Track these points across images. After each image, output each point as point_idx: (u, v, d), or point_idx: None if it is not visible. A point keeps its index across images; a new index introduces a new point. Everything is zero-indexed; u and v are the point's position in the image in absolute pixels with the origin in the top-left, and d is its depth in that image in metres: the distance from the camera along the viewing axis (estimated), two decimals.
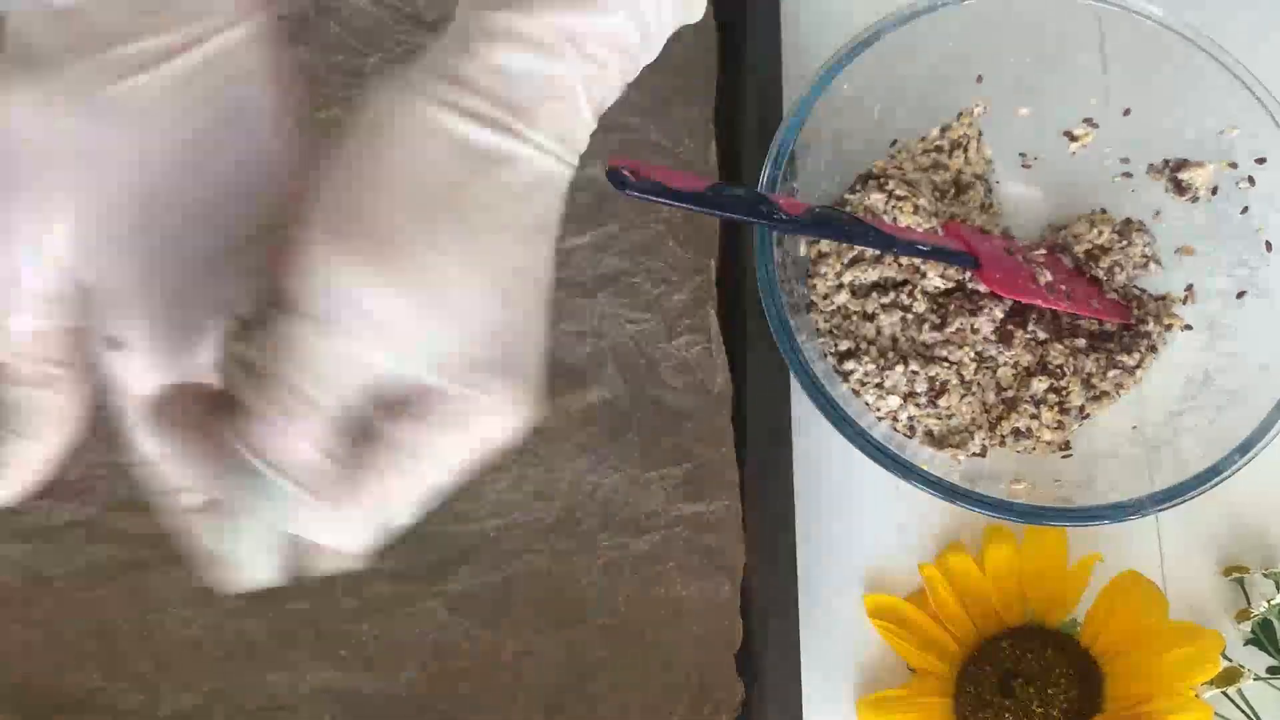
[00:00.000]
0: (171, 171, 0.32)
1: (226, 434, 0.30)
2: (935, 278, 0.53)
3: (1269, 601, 0.51)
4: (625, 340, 0.53)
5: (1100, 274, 0.55)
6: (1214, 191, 0.55)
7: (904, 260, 0.53)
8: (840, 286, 0.53)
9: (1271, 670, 0.51)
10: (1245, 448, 0.48)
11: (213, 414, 0.30)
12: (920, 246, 0.51)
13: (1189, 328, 0.54)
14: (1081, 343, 0.54)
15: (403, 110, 0.31)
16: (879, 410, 0.52)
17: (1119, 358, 0.53)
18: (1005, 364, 0.54)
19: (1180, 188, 0.55)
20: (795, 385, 0.51)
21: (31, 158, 0.31)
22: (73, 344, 0.33)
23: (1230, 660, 0.50)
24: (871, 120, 0.55)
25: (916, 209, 0.53)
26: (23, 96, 0.30)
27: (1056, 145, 0.57)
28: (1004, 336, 0.53)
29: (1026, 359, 0.54)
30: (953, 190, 0.56)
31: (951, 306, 0.53)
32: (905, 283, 0.53)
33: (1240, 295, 0.53)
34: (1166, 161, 0.55)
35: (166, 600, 0.49)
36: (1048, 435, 0.53)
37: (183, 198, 0.32)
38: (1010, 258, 0.53)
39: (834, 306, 0.53)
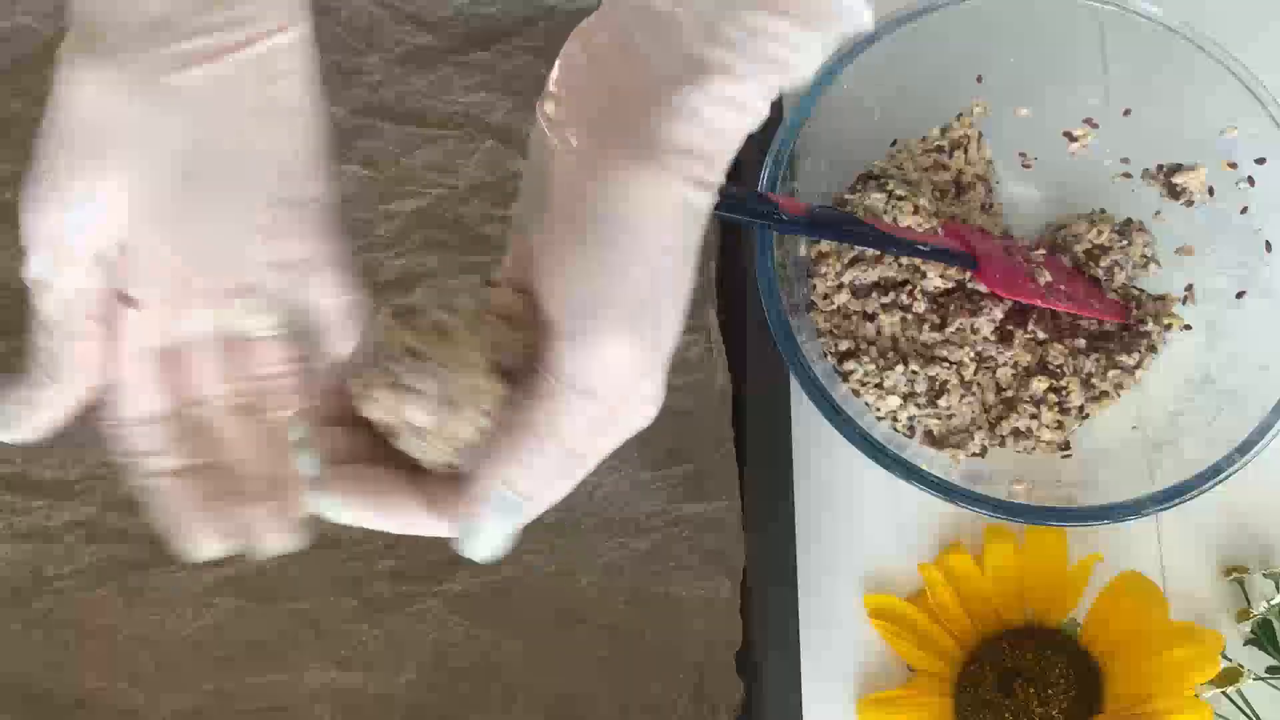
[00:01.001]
0: (214, 156, 0.35)
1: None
2: (935, 278, 0.53)
3: (1269, 601, 0.51)
4: None
5: (1100, 274, 0.55)
6: (1210, 193, 0.54)
7: (904, 260, 0.53)
8: (840, 286, 0.53)
9: (1271, 670, 0.51)
10: (1245, 448, 0.48)
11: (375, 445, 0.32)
12: (920, 246, 0.51)
13: (1189, 328, 0.54)
14: (1081, 343, 0.54)
15: (656, 195, 0.32)
16: (879, 410, 0.52)
17: (1119, 358, 0.53)
18: (1005, 364, 0.53)
19: (1174, 192, 0.55)
20: (795, 385, 0.51)
21: (90, 134, 0.33)
22: (107, 302, 0.35)
23: (1230, 660, 0.50)
24: (871, 120, 0.55)
25: (916, 209, 0.53)
26: (88, 78, 0.33)
27: (1056, 145, 0.57)
28: (1004, 336, 0.53)
29: (1026, 359, 0.54)
30: (953, 190, 0.56)
31: (951, 306, 0.53)
32: (905, 283, 0.53)
33: (1240, 295, 0.53)
34: (1160, 166, 0.55)
35: (166, 600, 0.49)
36: (1048, 435, 0.53)
37: (220, 181, 0.35)
38: (1010, 258, 0.53)
39: (834, 306, 0.53)
